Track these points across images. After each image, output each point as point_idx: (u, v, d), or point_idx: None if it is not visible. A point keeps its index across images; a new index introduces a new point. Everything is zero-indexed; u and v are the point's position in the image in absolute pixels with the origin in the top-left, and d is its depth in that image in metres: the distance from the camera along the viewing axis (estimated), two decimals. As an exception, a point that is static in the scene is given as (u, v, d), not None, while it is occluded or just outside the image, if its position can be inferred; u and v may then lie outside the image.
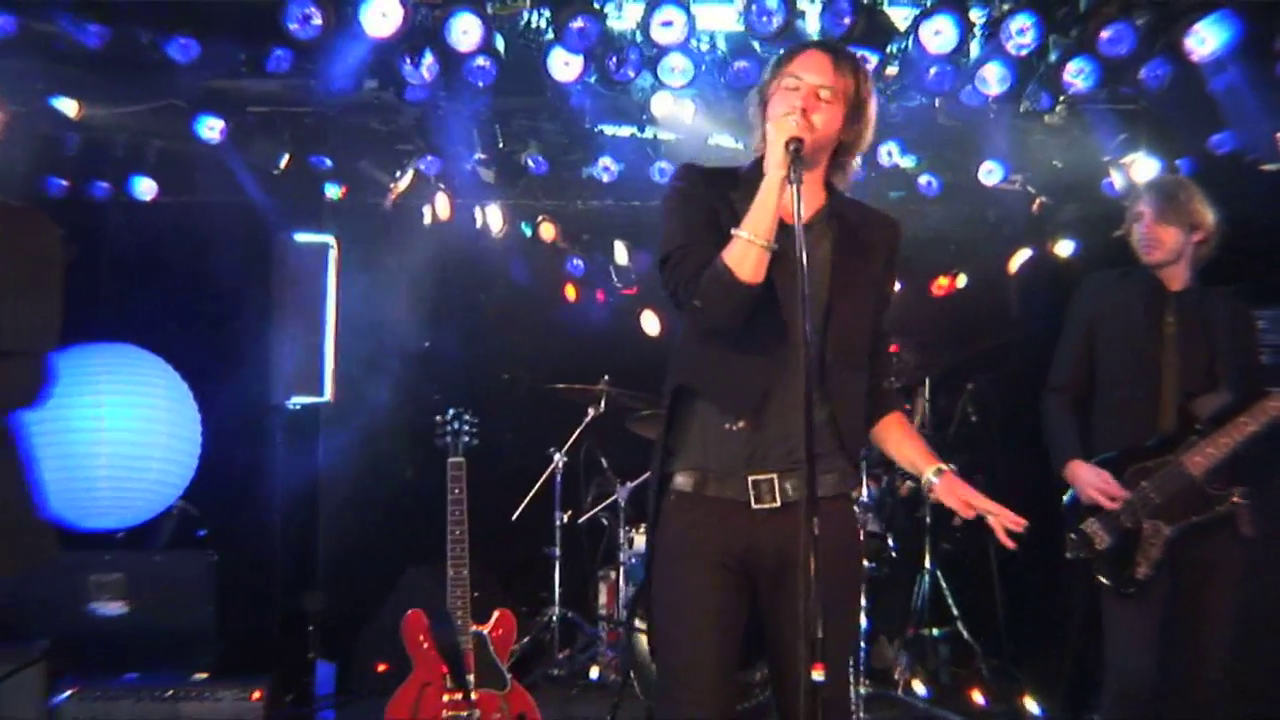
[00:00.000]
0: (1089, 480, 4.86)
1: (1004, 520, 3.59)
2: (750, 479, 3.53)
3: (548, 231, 8.84)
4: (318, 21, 5.52)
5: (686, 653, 3.52)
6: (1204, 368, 4.84)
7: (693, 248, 3.52)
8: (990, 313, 9.05)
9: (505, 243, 8.83)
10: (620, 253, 9.14)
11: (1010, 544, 3.58)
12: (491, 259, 8.97)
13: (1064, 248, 8.52)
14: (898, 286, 9.10)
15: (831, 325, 3.47)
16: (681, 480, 3.61)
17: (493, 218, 8.54)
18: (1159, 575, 4.72)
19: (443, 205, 8.01)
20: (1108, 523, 4.81)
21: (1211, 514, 4.71)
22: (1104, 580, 4.85)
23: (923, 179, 7.92)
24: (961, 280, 9.32)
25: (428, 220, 8.19)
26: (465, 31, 5.63)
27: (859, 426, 3.73)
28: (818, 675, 2.97)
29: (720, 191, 3.65)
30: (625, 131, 7.45)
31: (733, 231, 3.39)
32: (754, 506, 3.52)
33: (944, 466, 3.68)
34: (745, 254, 3.36)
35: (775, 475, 3.52)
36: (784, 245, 3.35)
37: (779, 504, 3.50)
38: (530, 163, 7.70)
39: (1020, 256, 8.84)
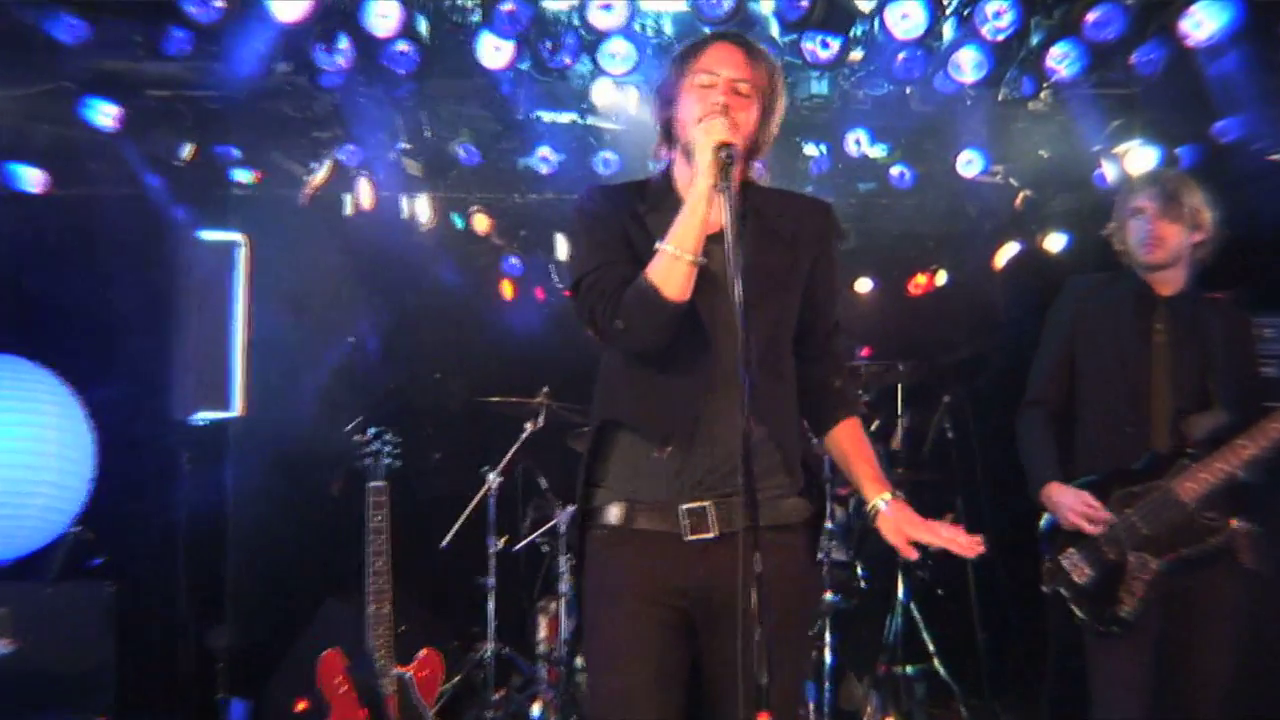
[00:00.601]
0: (1069, 503, 4.83)
1: (957, 547, 3.58)
2: (682, 508, 3.55)
3: (481, 223, 8.82)
4: (219, 3, 5.52)
5: (623, 708, 3.52)
6: (1197, 382, 4.82)
7: (607, 268, 3.55)
8: (972, 315, 9.15)
9: (435, 237, 8.84)
10: (562, 248, 9.13)
11: (971, 552, 3.56)
12: (420, 256, 8.97)
13: (1054, 242, 8.60)
14: (870, 285, 9.28)
15: (750, 333, 3.40)
16: (608, 513, 3.64)
17: (421, 208, 8.54)
18: (1146, 614, 4.69)
19: (365, 193, 7.97)
20: (1089, 554, 4.80)
21: (1204, 546, 4.67)
22: (1083, 617, 4.82)
23: (895, 170, 7.93)
24: (941, 278, 9.40)
25: (349, 210, 8.20)
26: (384, 15, 5.64)
27: (797, 438, 3.76)
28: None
29: (628, 208, 3.71)
30: (565, 118, 7.47)
31: (658, 246, 3.42)
32: (688, 538, 3.54)
33: (891, 495, 3.70)
34: (672, 270, 3.40)
35: (710, 503, 3.54)
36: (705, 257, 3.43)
37: (716, 534, 3.51)
38: (461, 152, 7.69)
39: (1007, 251, 8.92)
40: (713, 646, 3.55)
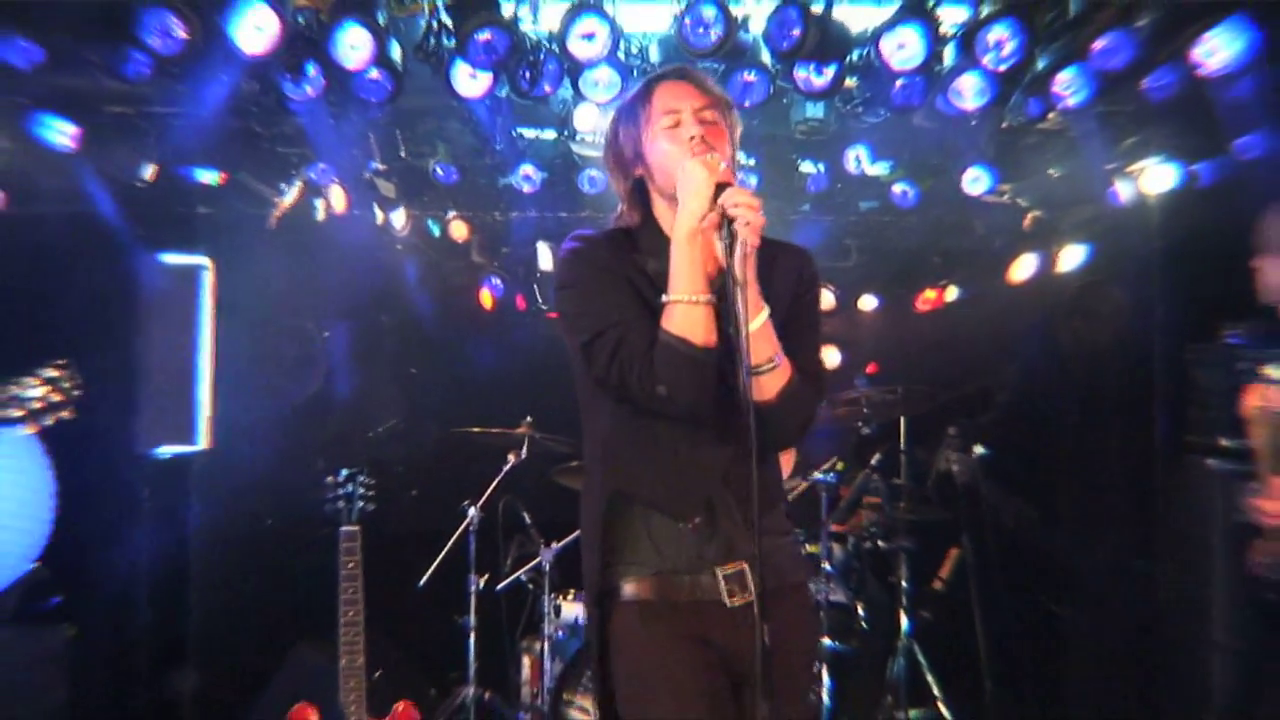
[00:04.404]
0: None
1: None
2: (720, 574, 3.63)
3: (459, 231, 8.92)
4: (181, 34, 5.58)
5: None
6: None
7: (628, 325, 3.59)
8: (979, 334, 9.25)
9: (411, 255, 8.97)
10: (545, 258, 9.23)
11: None
12: (395, 275, 9.12)
13: (1070, 259, 8.75)
14: (874, 304, 9.43)
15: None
16: (636, 589, 3.67)
17: (396, 217, 8.64)
18: None
19: (338, 198, 8.03)
20: None
21: None
22: None
23: (897, 188, 8.07)
24: (952, 293, 9.53)
25: (320, 216, 8.28)
26: (354, 46, 5.72)
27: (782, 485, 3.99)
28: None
29: (624, 256, 3.76)
30: (548, 135, 7.61)
31: (666, 299, 3.51)
32: (729, 604, 3.62)
33: None
34: (690, 316, 3.48)
35: (745, 565, 3.61)
36: None
37: (751, 597, 3.56)
38: (438, 170, 7.82)
39: (1024, 264, 9.07)
40: (753, 706, 3.51)
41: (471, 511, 8.00)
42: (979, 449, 8.27)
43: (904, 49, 5.85)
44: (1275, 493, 4.88)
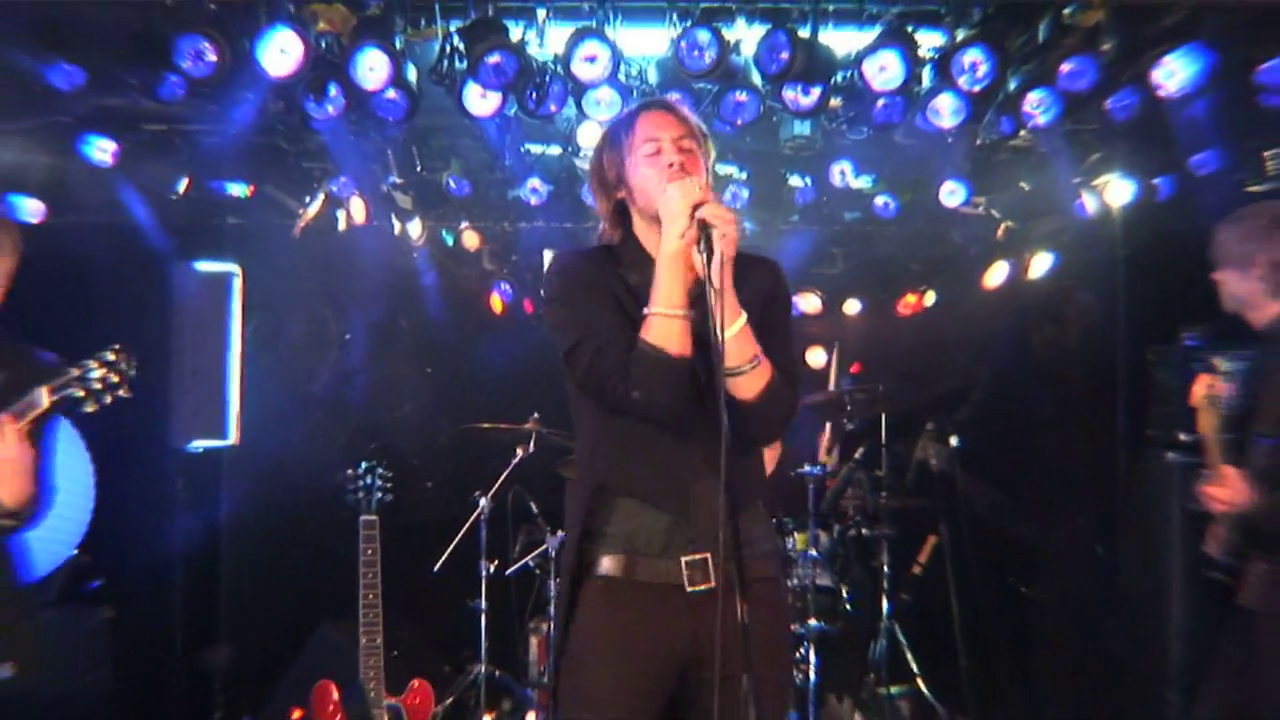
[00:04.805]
0: None
1: None
2: (684, 560, 3.65)
3: (471, 240, 8.93)
4: (212, 58, 5.60)
5: None
6: None
7: (607, 335, 3.63)
8: (957, 337, 9.26)
9: (426, 263, 8.98)
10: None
11: None
12: (411, 281, 9.11)
13: (1039, 265, 8.75)
14: (859, 307, 9.41)
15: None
16: (608, 564, 3.71)
17: (412, 226, 8.64)
18: None
19: (358, 209, 8.04)
20: None
21: None
22: None
23: (879, 200, 8.09)
24: (930, 298, 9.53)
25: (342, 226, 8.27)
26: (371, 69, 5.72)
27: (765, 492, 3.95)
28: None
29: (607, 271, 3.80)
30: (553, 150, 7.59)
31: (647, 311, 3.54)
32: (689, 590, 3.64)
33: None
34: (668, 329, 3.51)
35: (708, 555, 3.63)
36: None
37: (714, 585, 3.60)
38: (451, 184, 7.83)
39: (997, 272, 9.07)
40: (702, 695, 3.53)
41: (482, 501, 7.95)
42: (954, 440, 8.27)
43: (885, 71, 5.83)
44: (1225, 480, 4.86)
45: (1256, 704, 4.80)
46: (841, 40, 6.07)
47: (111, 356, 4.37)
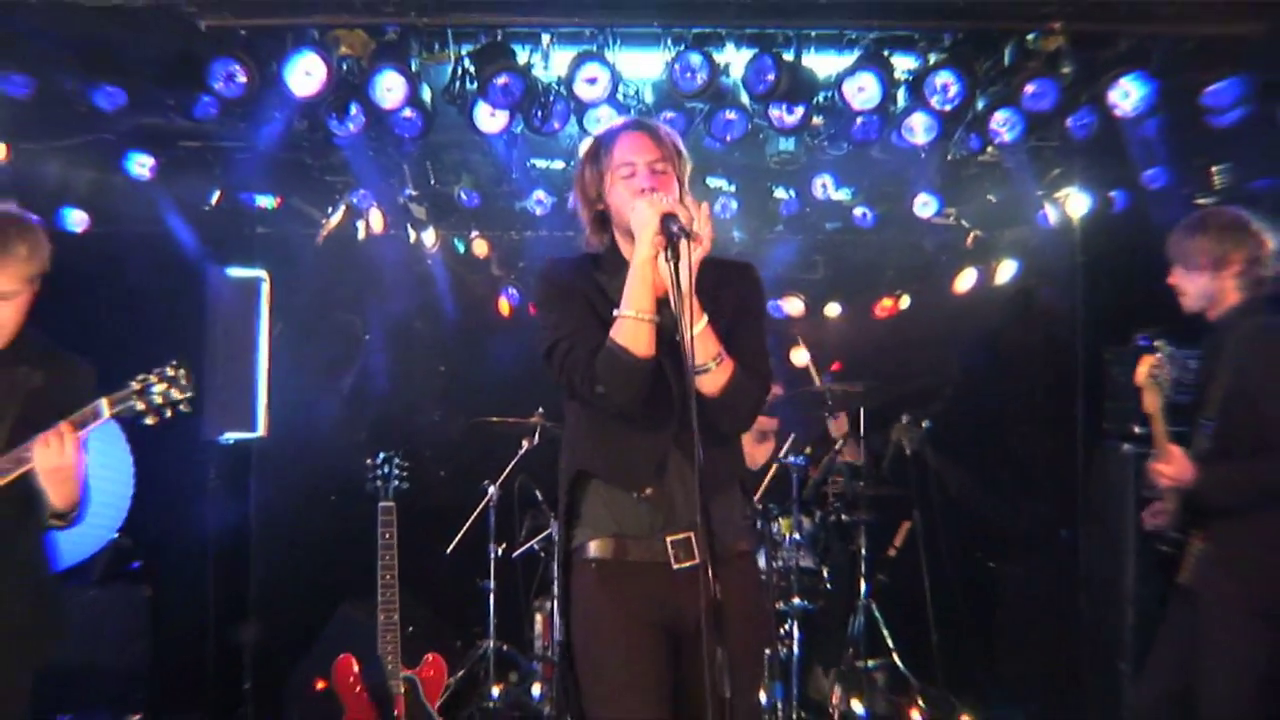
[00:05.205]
0: None
1: None
2: (669, 540, 3.70)
3: (481, 248, 8.94)
4: (242, 80, 5.63)
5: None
6: None
7: (578, 335, 3.69)
8: (929, 337, 9.28)
9: (439, 269, 9.00)
10: None
11: None
12: (426, 286, 9.13)
13: (1004, 271, 8.77)
14: (839, 310, 9.41)
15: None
16: (596, 549, 3.76)
17: (427, 235, 8.66)
18: None
19: (376, 219, 8.07)
20: None
21: None
22: None
23: (858, 211, 8.11)
24: (905, 301, 9.55)
25: (362, 235, 8.28)
26: (389, 89, 5.74)
27: (742, 471, 4.00)
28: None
29: (586, 277, 3.85)
30: (557, 165, 7.62)
31: (617, 313, 3.58)
32: (674, 567, 3.69)
33: None
34: (635, 331, 3.55)
35: (690, 534, 3.68)
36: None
37: (697, 562, 3.62)
38: (462, 196, 7.85)
39: (966, 277, 9.08)
40: (693, 662, 3.54)
41: (491, 490, 8.01)
42: (926, 423, 8.30)
43: (863, 92, 5.86)
44: (1171, 458, 4.89)
45: (1198, 681, 4.83)
46: (823, 63, 6.09)
47: (172, 372, 4.31)
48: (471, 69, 5.98)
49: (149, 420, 4.30)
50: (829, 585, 7.81)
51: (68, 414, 4.25)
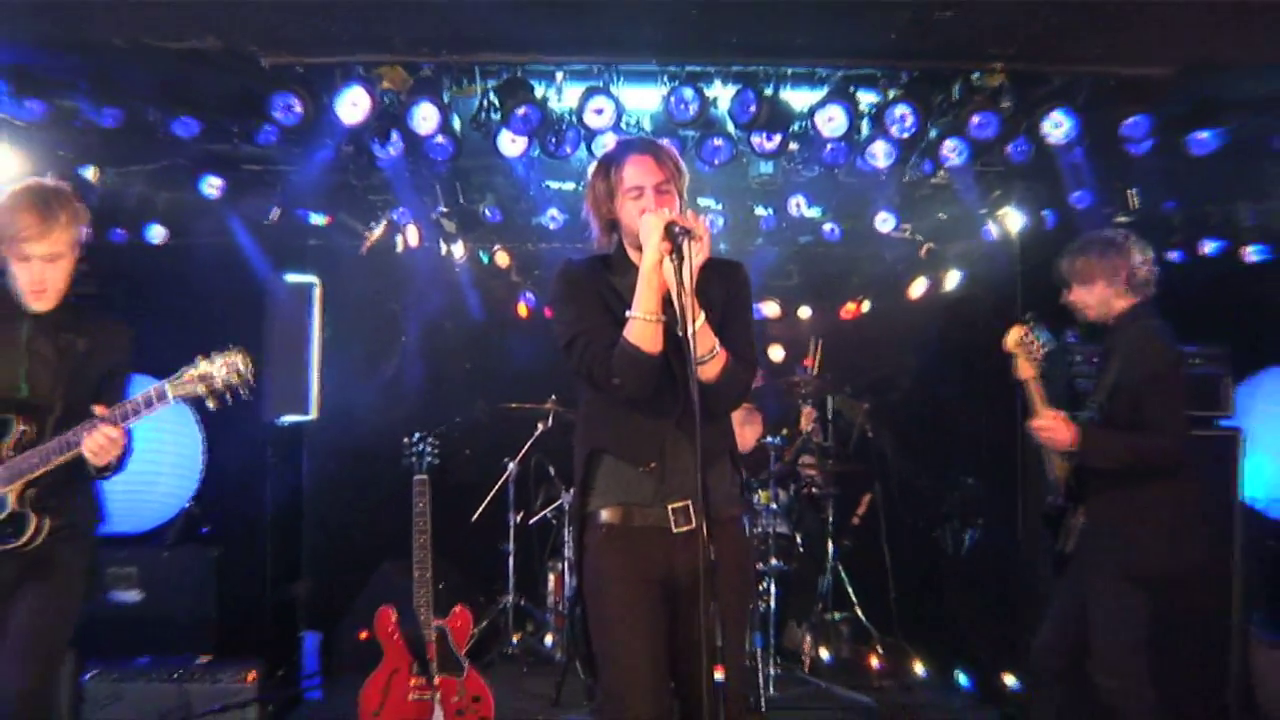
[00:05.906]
0: None
1: None
2: (670, 507, 3.76)
3: (502, 259, 8.98)
4: (299, 110, 5.67)
5: (628, 662, 3.70)
6: None
7: (594, 331, 3.73)
8: (889, 336, 9.34)
9: (466, 276, 9.05)
10: None
11: None
12: (456, 292, 9.18)
13: (951, 280, 8.82)
14: (809, 313, 9.41)
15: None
16: (607, 515, 3.82)
17: (456, 247, 8.71)
18: None
19: (413, 234, 8.09)
20: None
21: None
22: None
23: (826, 226, 8.13)
24: (866, 305, 9.61)
25: (400, 248, 8.29)
26: (425, 118, 5.77)
27: (734, 449, 4.02)
28: (719, 676, 3.26)
29: (599, 277, 3.89)
30: (569, 186, 7.65)
31: (629, 314, 3.62)
32: (674, 531, 3.76)
33: None
34: (645, 331, 3.60)
35: (688, 502, 3.75)
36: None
37: (694, 525, 3.71)
38: (487, 212, 7.89)
39: (919, 285, 9.13)
40: (688, 613, 3.69)
41: (511, 466, 8.17)
42: (866, 405, 8.42)
43: (832, 121, 5.87)
44: (1050, 418, 4.98)
45: (1090, 634, 4.90)
46: (798, 97, 6.11)
47: (232, 357, 4.20)
48: (496, 101, 6.00)
49: (211, 404, 4.19)
50: (801, 549, 7.89)
51: (116, 374, 4.29)
